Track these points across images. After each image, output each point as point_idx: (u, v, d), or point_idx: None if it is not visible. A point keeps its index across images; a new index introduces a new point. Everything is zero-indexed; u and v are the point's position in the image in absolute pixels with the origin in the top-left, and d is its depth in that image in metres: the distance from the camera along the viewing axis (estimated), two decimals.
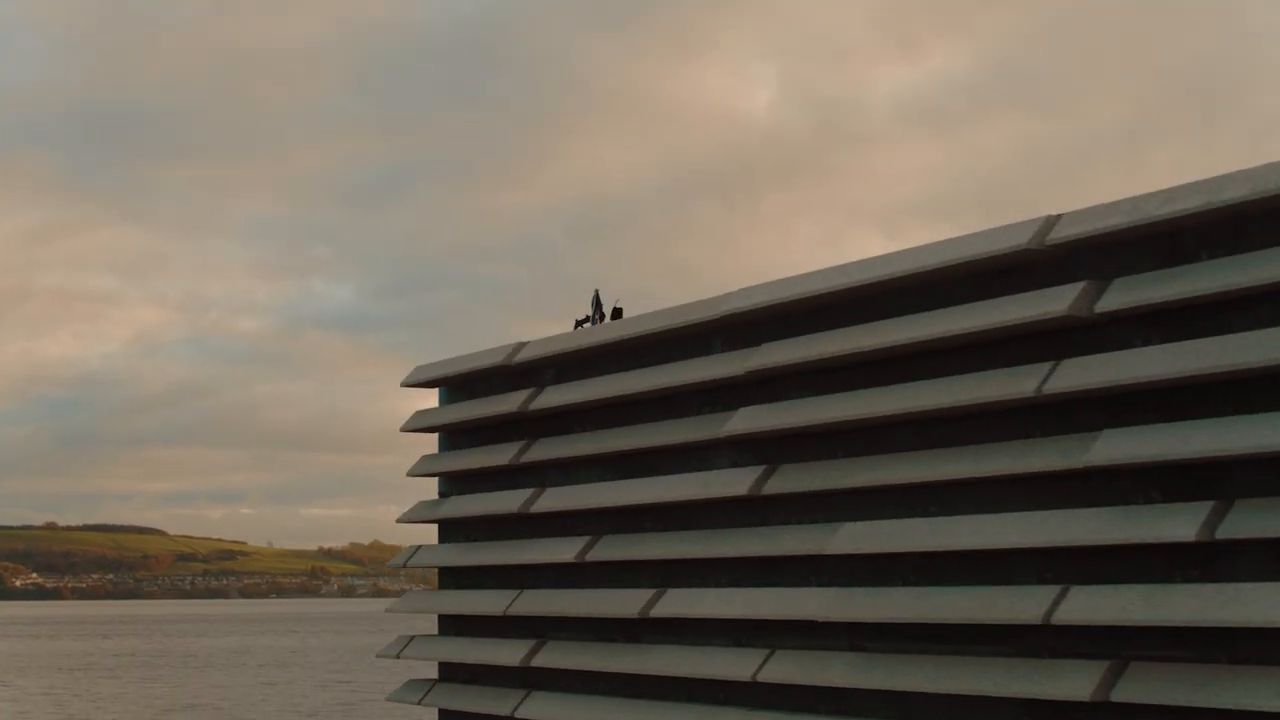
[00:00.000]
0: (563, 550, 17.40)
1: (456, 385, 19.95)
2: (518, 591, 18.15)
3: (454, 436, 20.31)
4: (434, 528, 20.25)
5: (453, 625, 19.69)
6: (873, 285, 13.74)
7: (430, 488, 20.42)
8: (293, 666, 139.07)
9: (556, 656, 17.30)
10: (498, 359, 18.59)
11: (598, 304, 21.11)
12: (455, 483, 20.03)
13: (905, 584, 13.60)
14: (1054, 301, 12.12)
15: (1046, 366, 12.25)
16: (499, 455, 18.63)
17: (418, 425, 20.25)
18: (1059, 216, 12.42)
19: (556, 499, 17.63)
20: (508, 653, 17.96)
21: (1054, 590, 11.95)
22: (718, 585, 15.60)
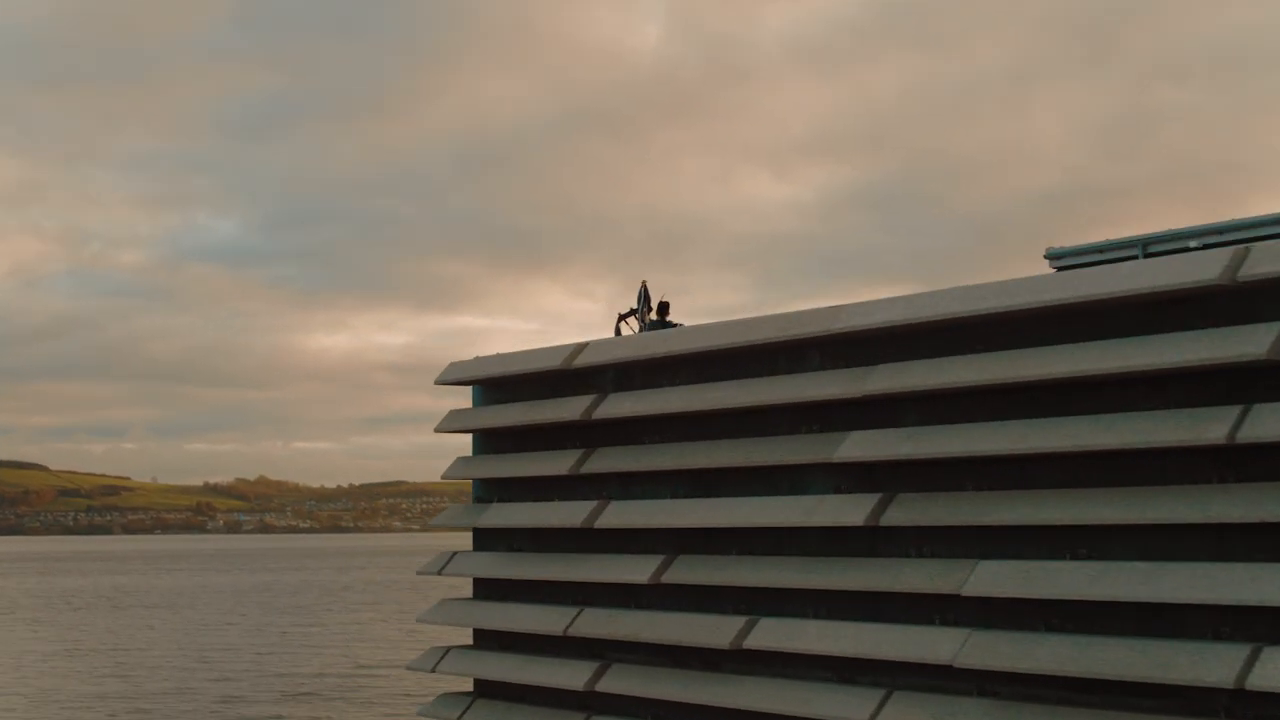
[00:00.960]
0: (632, 570, 16.41)
1: (500, 386, 18.82)
2: (577, 609, 17.13)
3: (490, 439, 19.20)
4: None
5: (494, 640, 18.63)
6: (1026, 311, 12.84)
7: (462, 445, 19.24)
8: (181, 608, 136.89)
9: (627, 683, 16.33)
10: (555, 361, 17.49)
11: (645, 298, 20.11)
12: (495, 488, 18.93)
13: (1050, 629, 12.79)
14: (1248, 343, 11.28)
15: (1235, 411, 11.41)
16: (554, 464, 17.56)
17: (455, 426, 19.13)
18: (1248, 250, 11.57)
19: (624, 515, 16.62)
20: (567, 674, 16.96)
21: (1242, 650, 11.17)
22: (817, 617, 14.69)
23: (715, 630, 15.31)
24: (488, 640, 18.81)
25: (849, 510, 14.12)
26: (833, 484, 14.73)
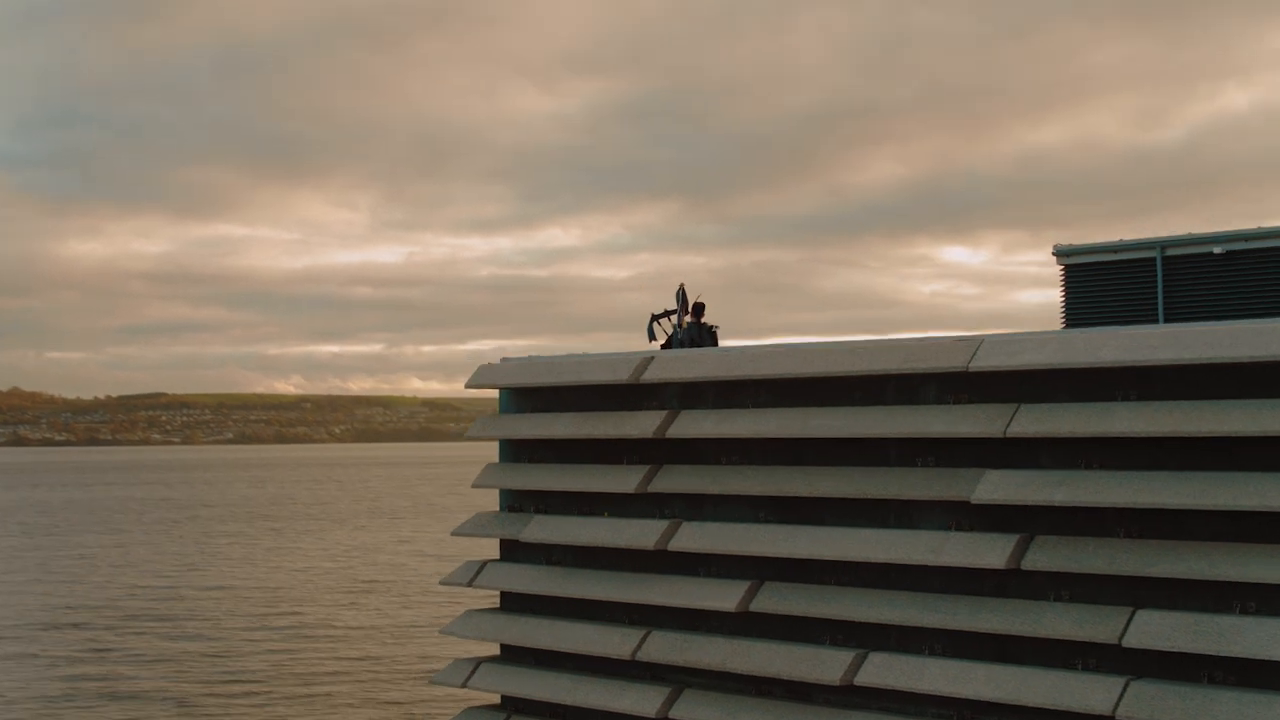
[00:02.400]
0: (714, 595, 15.94)
1: (539, 394, 18.08)
2: (642, 632, 16.61)
3: (521, 448, 18.49)
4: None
5: (530, 657, 18.01)
6: (1200, 365, 12.70)
7: (490, 453, 18.50)
8: None
9: (706, 711, 15.90)
10: (622, 375, 16.81)
11: (683, 299, 19.50)
12: (530, 499, 18.24)
13: (1214, 683, 12.76)
14: None
15: None
16: (615, 480, 16.93)
17: (490, 434, 18.38)
18: None
19: (703, 538, 16.11)
20: (633, 699, 16.46)
21: None
22: (932, 655, 14.45)
23: (819, 663, 14.97)
24: (520, 656, 18.18)
25: (984, 550, 13.87)
26: (949, 521, 14.46)
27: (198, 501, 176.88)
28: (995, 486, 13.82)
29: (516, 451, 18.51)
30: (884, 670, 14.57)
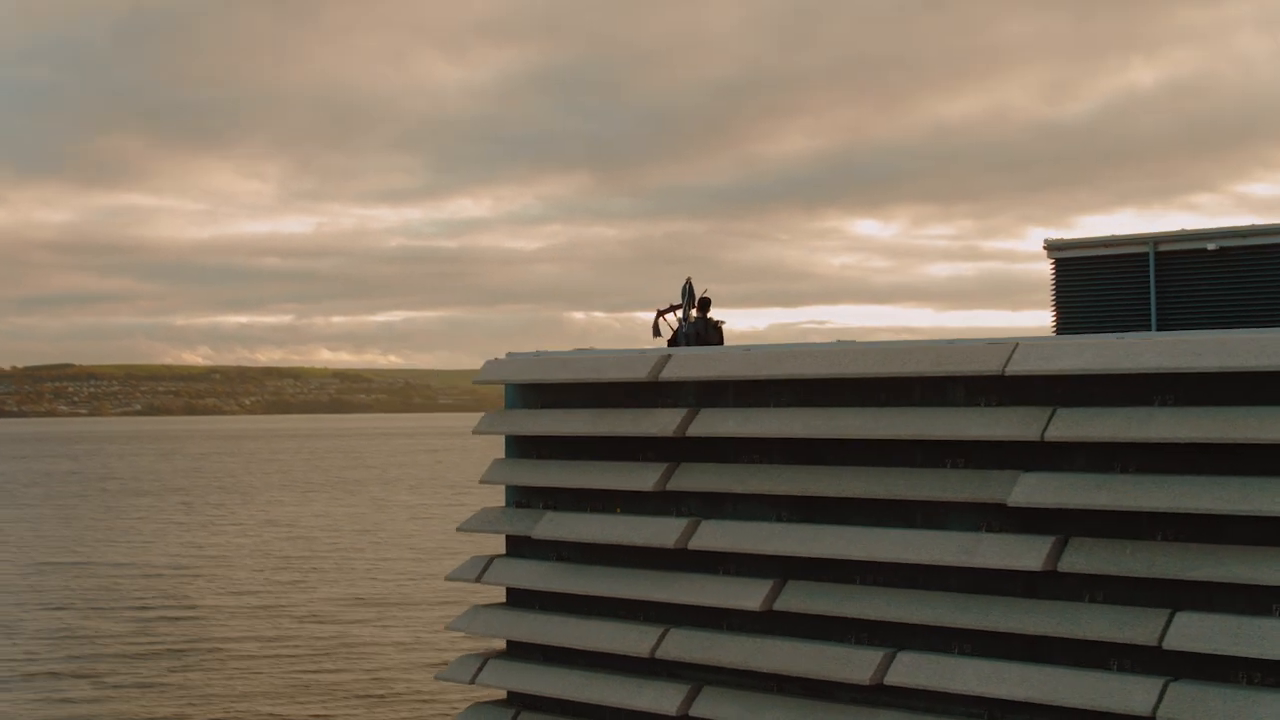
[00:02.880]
0: (736, 594, 15.99)
1: (548, 390, 18.00)
2: (660, 630, 16.62)
3: (529, 444, 18.42)
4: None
5: (539, 654, 17.97)
6: (1246, 373, 12.89)
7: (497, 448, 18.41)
8: None
9: (727, 708, 15.96)
10: (640, 373, 16.77)
11: (689, 293, 19.48)
12: (539, 496, 18.18)
13: (1252, 685, 12.98)
14: None
15: None
16: (632, 478, 16.92)
17: (499, 429, 18.28)
18: None
19: (725, 537, 16.14)
20: (651, 696, 16.49)
21: None
22: (962, 654, 14.59)
23: (848, 662, 15.06)
24: (528, 652, 18.14)
25: (1020, 552, 14.00)
26: (979, 522, 14.58)
27: (107, 474, 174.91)
28: (1033, 489, 13.94)
29: (524, 447, 18.43)
30: (914, 670, 14.68)
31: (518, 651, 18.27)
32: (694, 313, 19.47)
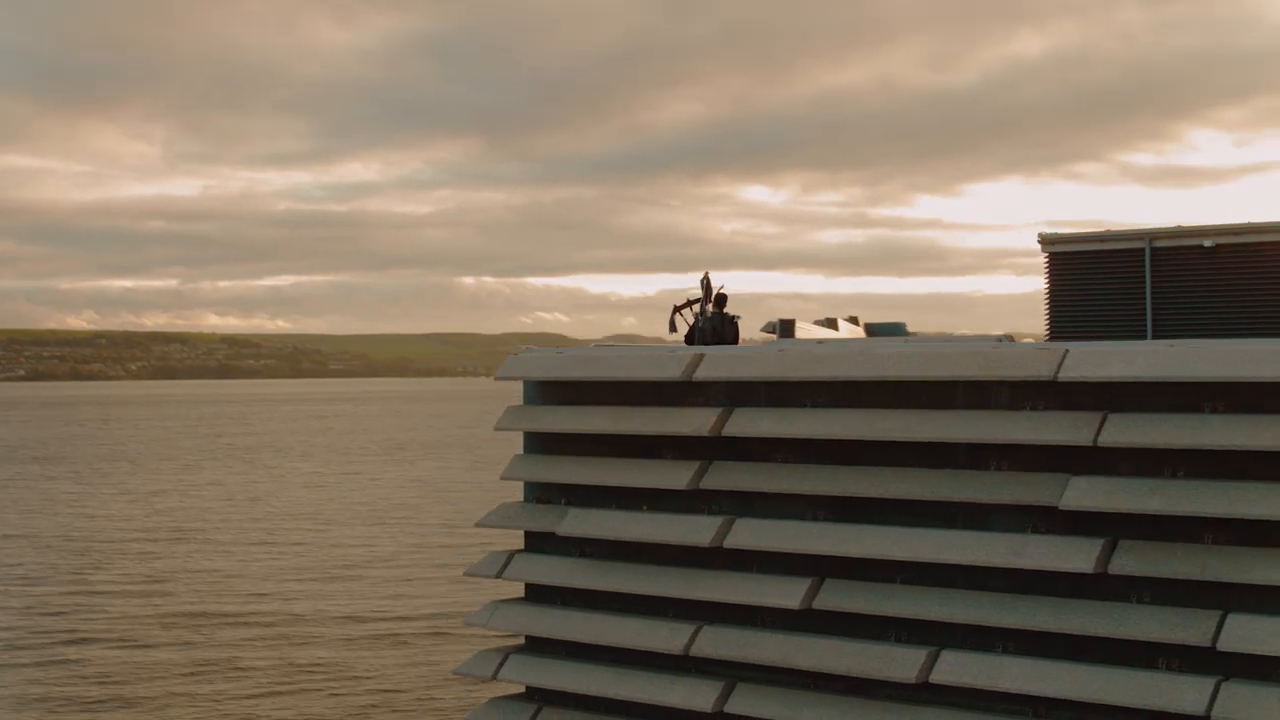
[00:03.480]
0: (773, 592, 16.17)
1: (569, 387, 18.04)
2: (694, 626, 16.76)
3: (547, 441, 18.45)
4: None
5: (561, 649, 18.05)
6: None
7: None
8: None
9: (765, 705, 16.16)
10: (673, 372, 16.85)
11: (707, 288, 19.57)
12: (561, 492, 18.23)
13: None
14: None
15: None
16: (663, 475, 17.02)
17: (520, 426, 18.29)
18: None
19: (759, 535, 16.31)
20: (683, 693, 16.65)
21: None
22: (1006, 653, 14.89)
23: (891, 660, 15.29)
24: (548, 648, 18.21)
25: (1070, 554, 14.30)
26: (1024, 523, 14.85)
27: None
28: (1085, 493, 14.23)
29: (544, 444, 18.44)
30: (959, 668, 14.95)
31: (538, 647, 18.32)
32: (710, 307, 19.56)
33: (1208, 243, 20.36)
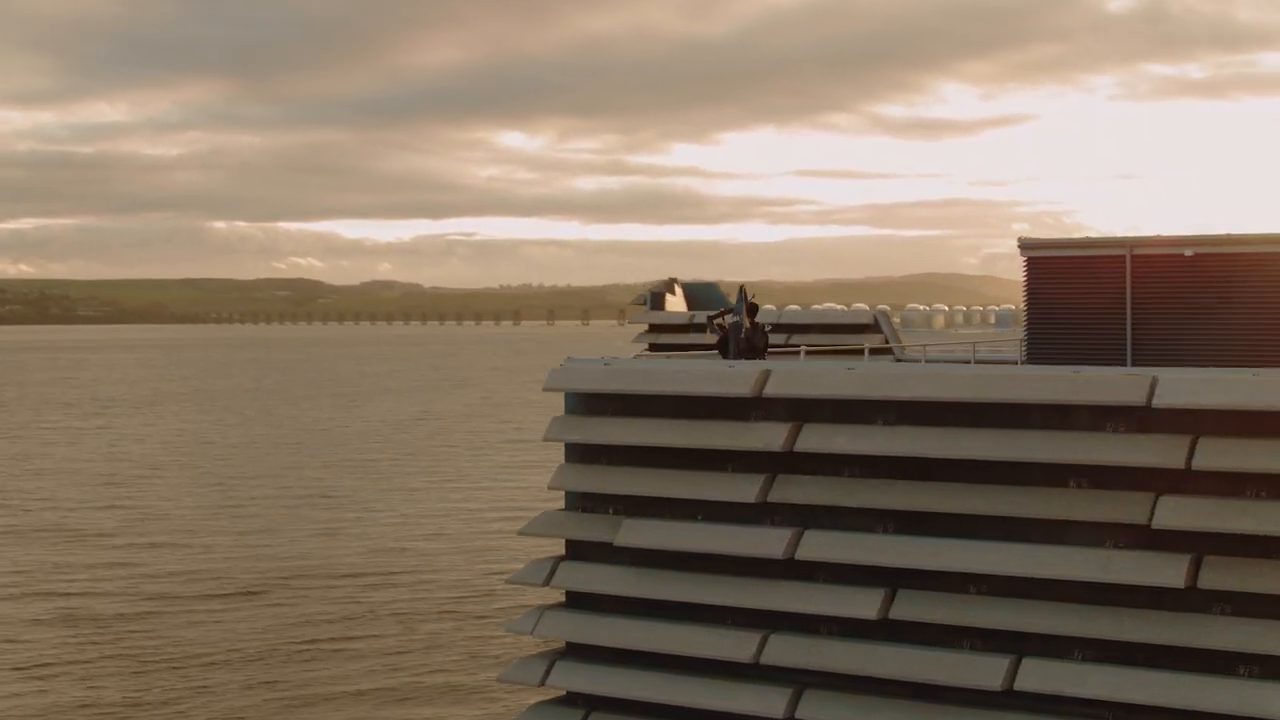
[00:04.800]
0: (847, 602, 16.78)
1: (623, 400, 18.31)
2: (760, 634, 17.26)
3: (589, 451, 18.71)
4: None
5: (607, 656, 18.38)
6: None
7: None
8: None
9: (841, 712, 16.79)
10: (742, 389, 17.25)
11: (744, 301, 19.99)
12: (607, 502, 18.52)
13: None
14: None
15: None
16: (730, 488, 17.47)
17: (572, 437, 18.56)
18: None
19: (831, 547, 16.89)
20: (749, 698, 17.19)
21: None
22: (1083, 660, 15.75)
23: (973, 668, 16.02)
24: (594, 654, 18.53)
25: (1159, 569, 15.18)
26: (1104, 539, 15.68)
27: None
28: (1176, 512, 15.12)
29: (589, 454, 18.68)
30: (1041, 675, 15.76)
31: (582, 653, 18.60)
32: (745, 319, 20.00)
33: (1189, 252, 21.47)
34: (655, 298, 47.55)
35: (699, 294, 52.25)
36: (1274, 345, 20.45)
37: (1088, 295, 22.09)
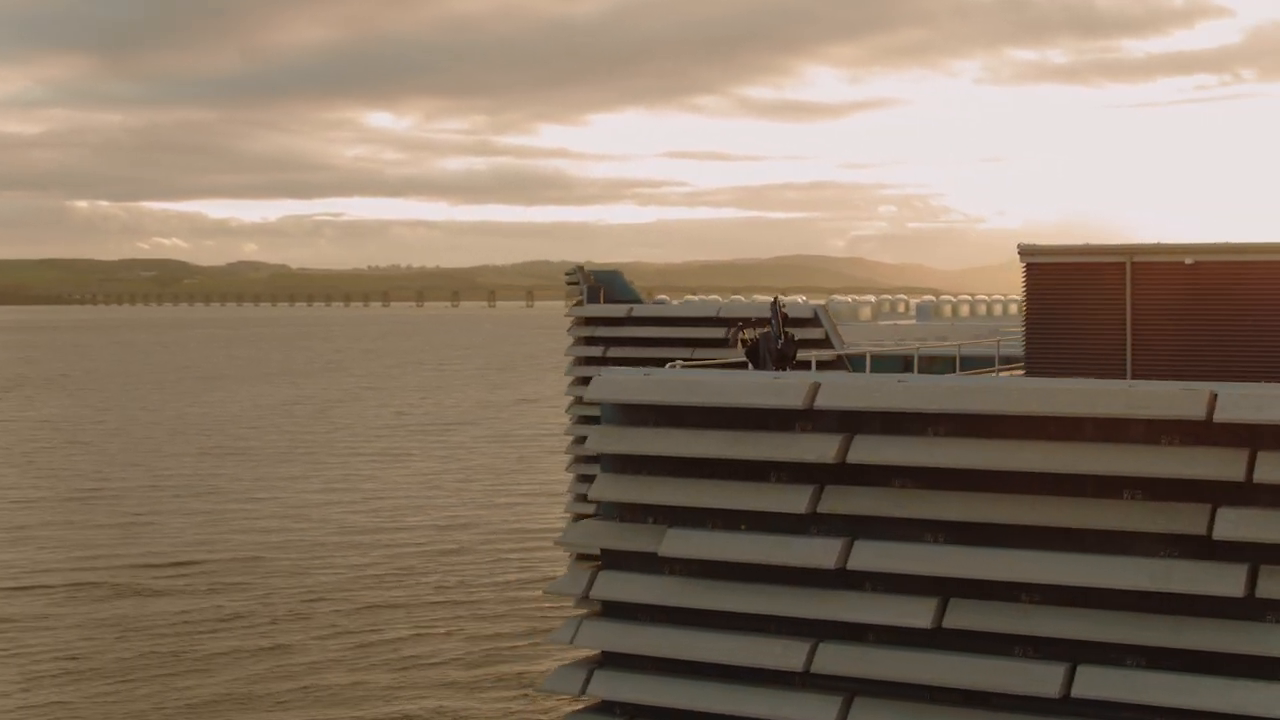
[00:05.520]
0: (900, 612, 17.07)
1: (662, 412, 18.42)
2: (809, 642, 17.49)
3: (629, 463, 18.81)
4: None
5: (649, 665, 18.51)
6: None
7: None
8: None
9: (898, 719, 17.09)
10: (795, 401, 17.43)
11: (777, 313, 20.18)
12: (646, 513, 18.63)
13: None
14: None
15: None
16: (777, 499, 17.67)
17: (617, 449, 18.61)
18: None
19: (882, 557, 17.17)
20: (797, 706, 17.44)
21: None
22: (1137, 668, 16.19)
23: (1029, 676, 16.39)
24: (631, 663, 18.65)
25: (1217, 579, 15.65)
26: (1157, 549, 16.12)
27: None
28: (1237, 524, 15.58)
29: (629, 465, 18.75)
30: (1098, 683, 16.16)
31: (618, 662, 18.70)
32: (779, 330, 20.21)
33: (1189, 260, 22.07)
34: (592, 291, 47.67)
35: (604, 281, 52.47)
36: (1274, 355, 21.13)
37: (1089, 302, 22.61)
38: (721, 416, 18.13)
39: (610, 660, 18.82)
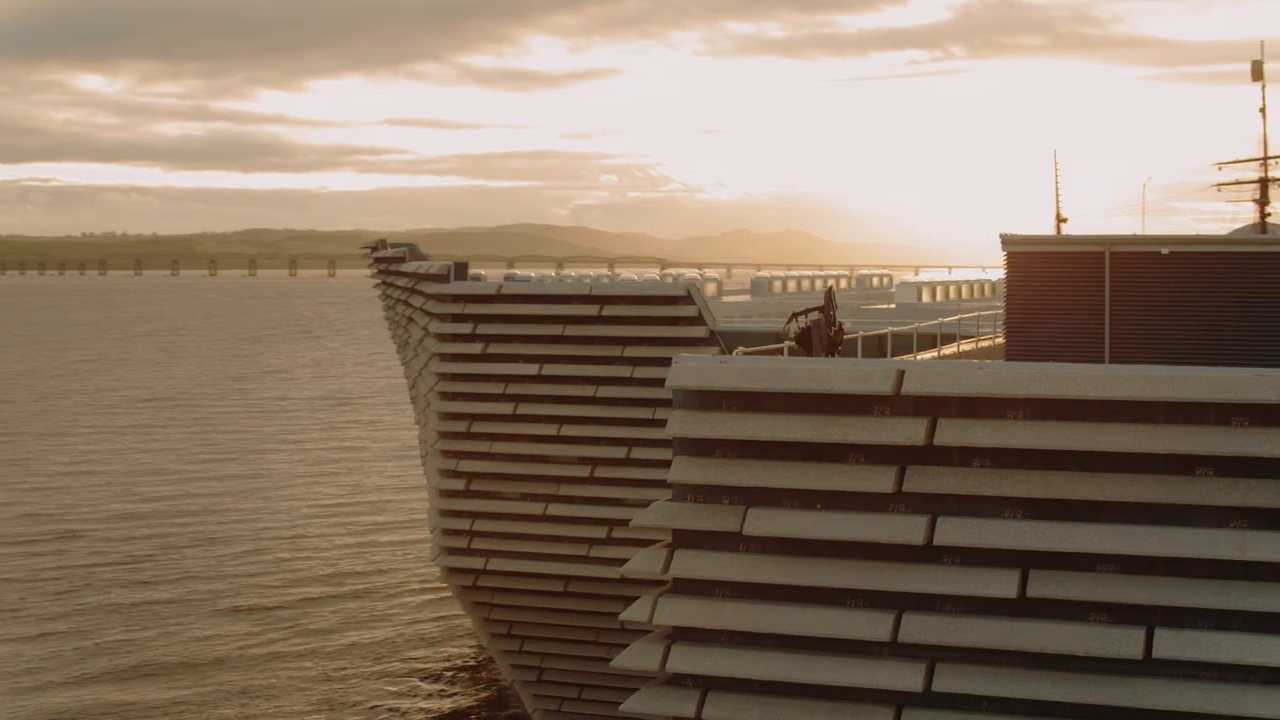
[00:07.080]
0: (983, 583, 18.31)
1: (735, 398, 19.27)
2: (892, 614, 18.59)
3: (707, 446, 19.62)
4: None
5: (724, 638, 19.37)
6: None
7: None
8: None
9: (971, 683, 18.34)
10: (883, 387, 18.48)
11: (831, 297, 21.18)
12: (725, 494, 19.48)
13: None
14: None
15: None
16: (864, 479, 18.72)
17: (702, 433, 19.38)
18: None
19: (970, 533, 18.37)
20: (888, 675, 18.53)
21: None
22: (1214, 629, 17.77)
23: (1109, 639, 17.81)
24: (704, 638, 19.47)
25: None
26: (1229, 521, 17.71)
27: None
28: None
29: (702, 449, 19.53)
30: (1177, 644, 17.66)
31: (700, 637, 19.47)
32: (832, 316, 21.20)
33: (1165, 250, 23.84)
34: (459, 267, 47.51)
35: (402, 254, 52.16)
36: (1245, 343, 23.05)
37: (1068, 291, 24.22)
38: (801, 402, 19.03)
39: (685, 635, 19.57)
